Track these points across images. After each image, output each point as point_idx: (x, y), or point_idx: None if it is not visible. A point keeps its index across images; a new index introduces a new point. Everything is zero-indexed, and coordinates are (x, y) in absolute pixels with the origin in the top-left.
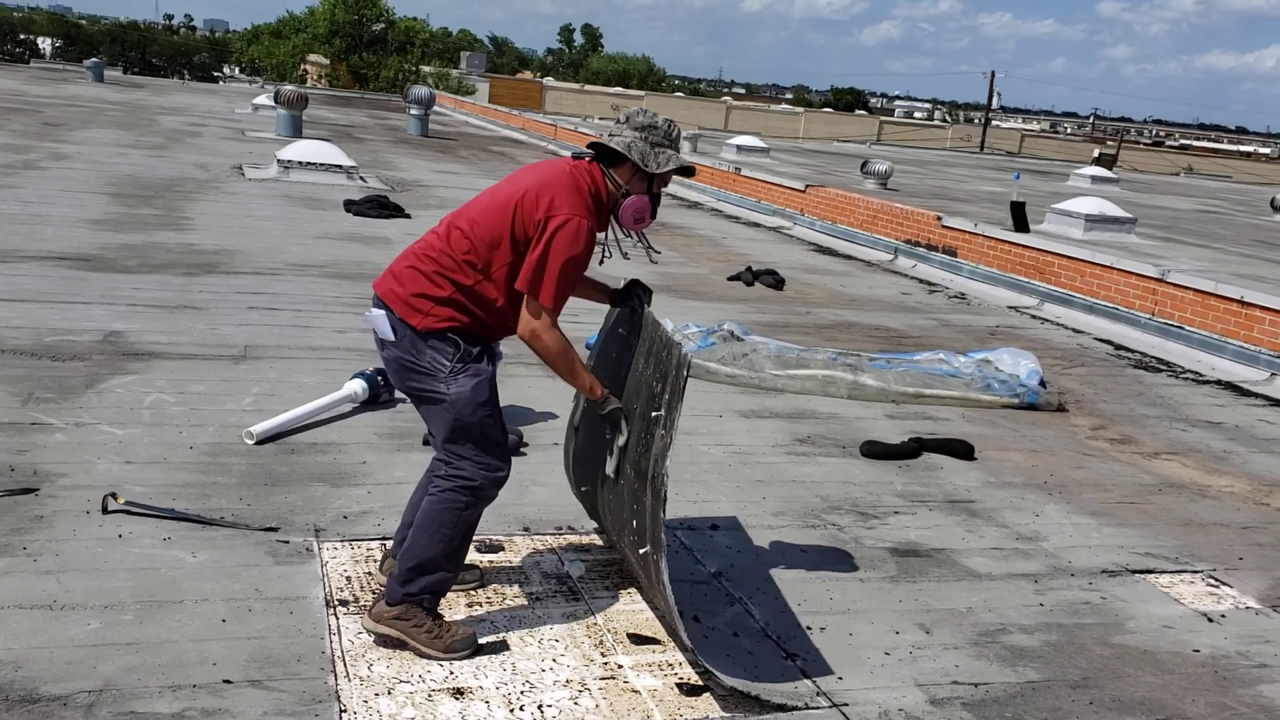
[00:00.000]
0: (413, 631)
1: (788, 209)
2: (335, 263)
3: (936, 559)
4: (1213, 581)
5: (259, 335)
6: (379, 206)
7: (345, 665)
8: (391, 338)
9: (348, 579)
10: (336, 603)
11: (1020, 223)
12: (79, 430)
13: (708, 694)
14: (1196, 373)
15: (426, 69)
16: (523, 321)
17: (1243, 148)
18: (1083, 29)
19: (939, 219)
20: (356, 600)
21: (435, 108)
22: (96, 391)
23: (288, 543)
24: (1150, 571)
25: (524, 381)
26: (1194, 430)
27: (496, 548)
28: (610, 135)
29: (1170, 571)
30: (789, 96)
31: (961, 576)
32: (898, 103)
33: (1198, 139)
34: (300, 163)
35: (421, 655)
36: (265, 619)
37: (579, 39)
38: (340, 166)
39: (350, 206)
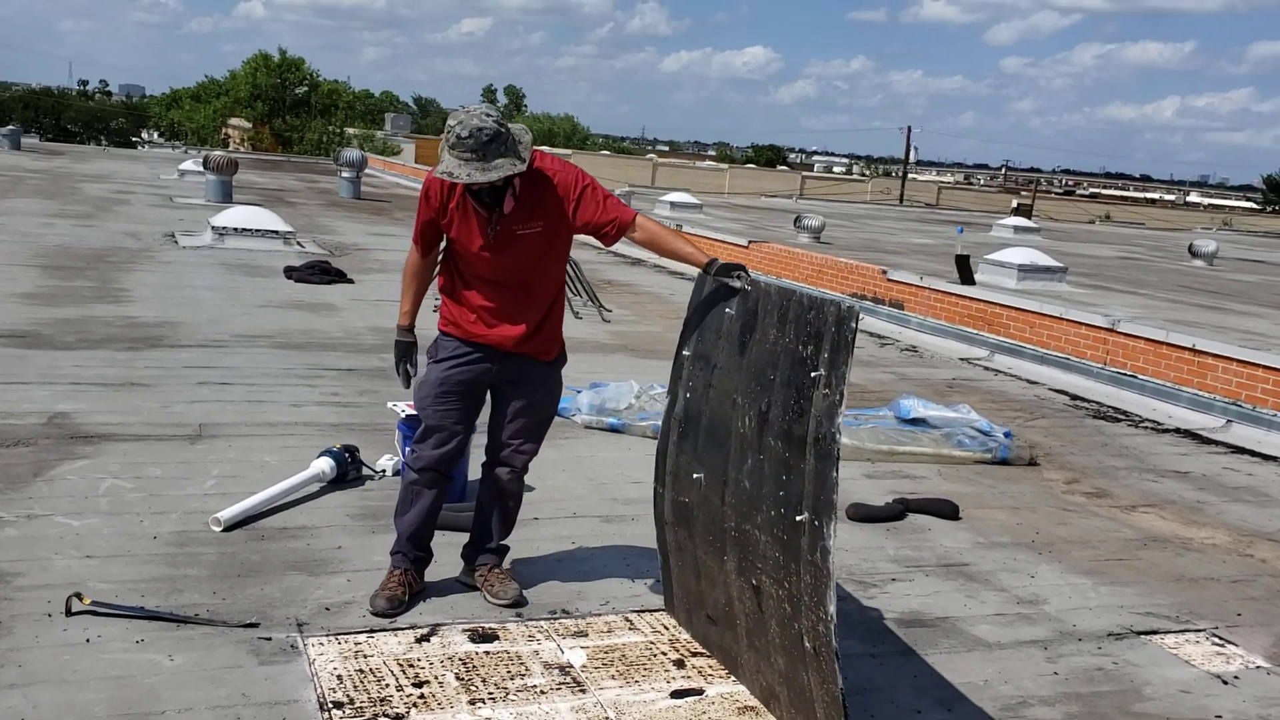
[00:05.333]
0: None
1: None
2: (283, 332)
3: (943, 628)
4: (1217, 640)
5: (213, 412)
6: (320, 272)
7: None
8: None
9: (339, 678)
10: (331, 705)
11: (965, 275)
12: (31, 523)
13: None
14: (1154, 421)
15: (351, 131)
16: None
17: (1149, 194)
18: (989, 84)
19: (884, 273)
20: (352, 702)
21: (365, 170)
22: (46, 480)
23: (270, 639)
24: (1154, 632)
25: None
26: (1164, 481)
27: (490, 636)
28: None
29: (1174, 631)
30: (712, 153)
31: (971, 646)
32: (816, 158)
33: (1105, 187)
34: (235, 229)
35: None
36: None
37: (502, 99)
38: (277, 232)
39: (291, 273)
